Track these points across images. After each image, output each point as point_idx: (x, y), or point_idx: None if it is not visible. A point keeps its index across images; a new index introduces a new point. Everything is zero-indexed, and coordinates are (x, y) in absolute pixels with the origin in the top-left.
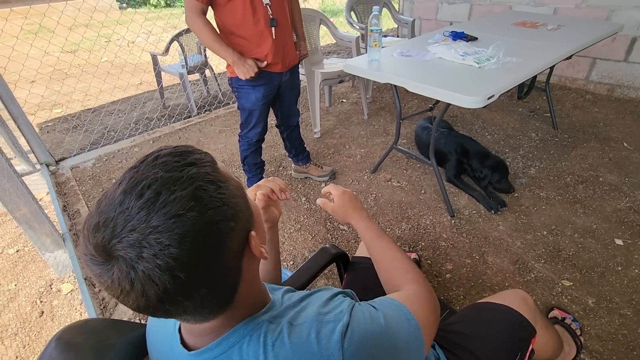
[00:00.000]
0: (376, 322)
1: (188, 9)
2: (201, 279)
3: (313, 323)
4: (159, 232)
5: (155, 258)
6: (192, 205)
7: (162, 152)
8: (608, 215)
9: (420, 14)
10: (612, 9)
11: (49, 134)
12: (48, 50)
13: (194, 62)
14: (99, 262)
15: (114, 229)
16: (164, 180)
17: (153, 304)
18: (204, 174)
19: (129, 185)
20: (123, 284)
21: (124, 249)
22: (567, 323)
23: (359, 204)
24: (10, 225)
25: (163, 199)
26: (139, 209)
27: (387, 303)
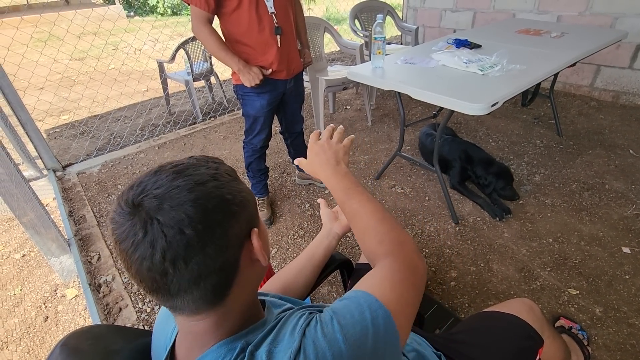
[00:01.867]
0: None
1: (194, 18)
2: (202, 243)
3: (264, 353)
4: (180, 190)
5: (172, 210)
6: (211, 180)
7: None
8: (615, 222)
9: (423, 22)
10: (616, 16)
11: (56, 140)
12: (57, 57)
13: (199, 69)
14: (124, 212)
15: (144, 187)
16: (192, 163)
17: (157, 260)
18: (225, 170)
19: (165, 164)
20: (137, 233)
21: (148, 200)
22: (574, 332)
23: (328, 156)
24: (17, 230)
25: (190, 171)
26: (168, 175)
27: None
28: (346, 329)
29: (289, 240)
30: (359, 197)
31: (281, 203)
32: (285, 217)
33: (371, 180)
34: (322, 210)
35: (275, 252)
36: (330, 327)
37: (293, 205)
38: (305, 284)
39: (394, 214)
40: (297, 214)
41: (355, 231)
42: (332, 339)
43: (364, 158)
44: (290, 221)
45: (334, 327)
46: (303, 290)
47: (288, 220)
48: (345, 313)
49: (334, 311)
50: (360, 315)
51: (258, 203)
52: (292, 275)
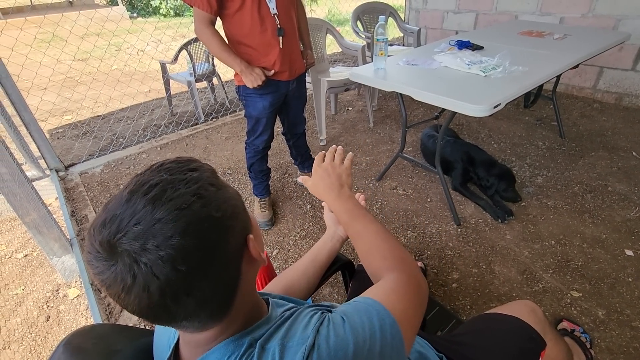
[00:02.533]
0: (341, 339)
1: (197, 20)
2: (202, 272)
3: (277, 347)
4: (163, 223)
5: (158, 249)
6: (195, 200)
7: (166, 161)
8: (617, 225)
9: (426, 24)
10: (619, 18)
11: (59, 140)
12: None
13: (202, 70)
14: (103, 257)
15: (119, 223)
16: (168, 180)
17: (155, 299)
18: (206, 177)
19: (136, 186)
20: (125, 278)
21: (129, 242)
22: (577, 335)
23: (333, 180)
24: (19, 230)
25: (168, 195)
26: (145, 204)
27: (362, 307)
28: (356, 332)
29: (290, 241)
30: (362, 219)
31: (283, 204)
32: (286, 218)
33: (373, 181)
34: (326, 214)
35: (277, 253)
36: (342, 329)
37: (294, 206)
38: (307, 285)
39: (395, 215)
40: (298, 214)
41: (360, 250)
42: (343, 340)
43: (366, 159)
44: (292, 222)
45: (345, 329)
46: (305, 291)
47: (289, 221)
48: (356, 317)
49: (345, 314)
50: (369, 321)
51: (260, 203)
52: (295, 277)
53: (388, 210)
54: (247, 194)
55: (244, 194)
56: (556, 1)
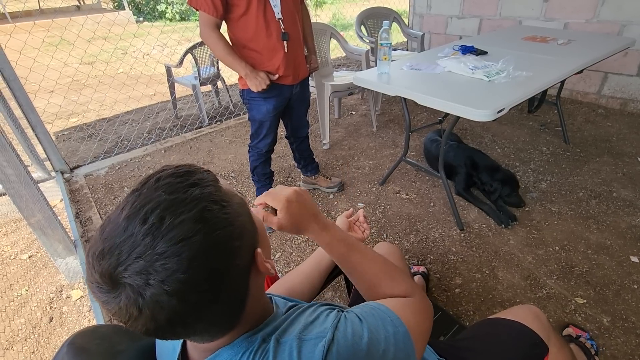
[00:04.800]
0: (359, 339)
1: (202, 24)
2: (210, 300)
3: (294, 341)
4: (166, 258)
5: (163, 284)
6: (199, 228)
7: (164, 174)
8: (622, 231)
9: (429, 28)
10: (623, 24)
11: (65, 142)
12: (67, 61)
13: (206, 73)
14: (105, 289)
15: (119, 256)
16: (167, 203)
17: (162, 326)
18: (208, 194)
19: (132, 210)
20: (131, 310)
21: (131, 277)
22: (582, 341)
23: (311, 209)
24: (24, 231)
25: (168, 223)
26: (144, 235)
27: (377, 312)
28: (373, 333)
29: (293, 245)
30: (358, 248)
31: None
32: None
33: (376, 185)
34: (339, 218)
35: (279, 257)
36: (360, 328)
37: None
38: (310, 289)
39: (398, 219)
40: None
41: (363, 280)
42: (360, 338)
43: (369, 163)
44: None
45: (363, 328)
46: (308, 295)
47: None
48: (372, 320)
49: (362, 315)
50: (384, 326)
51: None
52: (298, 280)
53: (391, 215)
54: (250, 197)
55: (247, 197)
56: (560, 6)
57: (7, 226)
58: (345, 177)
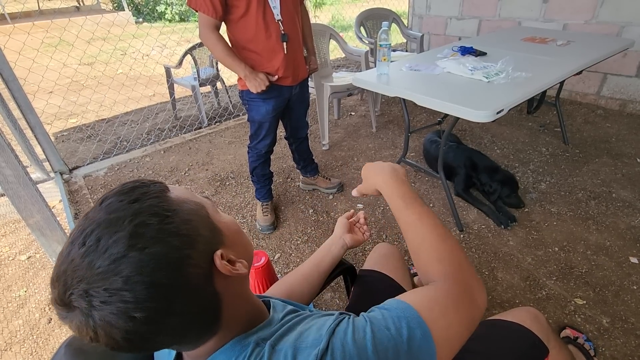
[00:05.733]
0: (360, 346)
1: (202, 25)
2: (163, 313)
3: (289, 349)
4: (104, 279)
5: (105, 305)
6: (132, 243)
7: (109, 194)
8: (622, 232)
9: (429, 29)
10: (622, 25)
11: (64, 143)
12: (66, 62)
13: (206, 74)
14: (63, 315)
15: (65, 281)
16: (105, 223)
17: (123, 344)
18: (147, 207)
19: (75, 235)
20: (87, 332)
21: (77, 300)
22: (580, 343)
23: (381, 170)
24: (23, 232)
25: (103, 243)
26: (82, 258)
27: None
28: (378, 340)
29: (292, 246)
30: (418, 208)
31: (285, 208)
32: (288, 222)
33: None
34: (340, 219)
35: (279, 257)
36: (362, 334)
37: (297, 210)
38: (309, 290)
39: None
40: (300, 219)
41: (411, 244)
42: (361, 347)
43: None
44: (294, 226)
45: (365, 335)
46: (307, 296)
47: (292, 225)
48: (381, 324)
49: (370, 319)
50: (397, 331)
51: (262, 207)
52: (297, 281)
53: (390, 216)
54: (250, 197)
55: (247, 198)
56: (560, 7)
57: (6, 227)
58: (344, 177)
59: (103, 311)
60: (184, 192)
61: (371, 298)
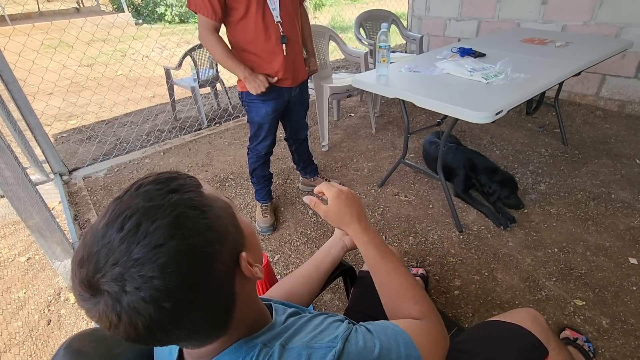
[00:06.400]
0: (370, 353)
1: (202, 27)
2: (189, 306)
3: (304, 348)
4: (141, 265)
5: (139, 291)
6: (173, 233)
7: (145, 181)
8: (621, 233)
9: (428, 31)
10: (621, 26)
11: (64, 144)
12: (66, 64)
13: (205, 76)
14: (86, 297)
15: (97, 263)
16: (144, 210)
17: (142, 334)
18: (187, 199)
19: (111, 218)
20: (110, 317)
21: (108, 283)
22: (580, 344)
23: (358, 208)
24: (22, 233)
25: (143, 229)
26: (120, 242)
27: (389, 331)
28: (384, 350)
29: (292, 247)
30: (390, 257)
31: (284, 209)
32: (288, 224)
33: (375, 187)
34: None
35: (278, 259)
36: (372, 343)
37: (296, 211)
38: (309, 291)
39: (397, 221)
40: (300, 220)
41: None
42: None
43: (368, 165)
44: (294, 227)
45: (375, 344)
46: (307, 297)
47: (291, 227)
48: (384, 337)
49: (375, 331)
50: (397, 346)
51: (262, 209)
52: (297, 283)
53: (390, 217)
54: (249, 199)
55: (246, 199)
56: (558, 9)
57: (5, 229)
58: (344, 179)
59: (134, 296)
60: (213, 190)
61: (371, 299)
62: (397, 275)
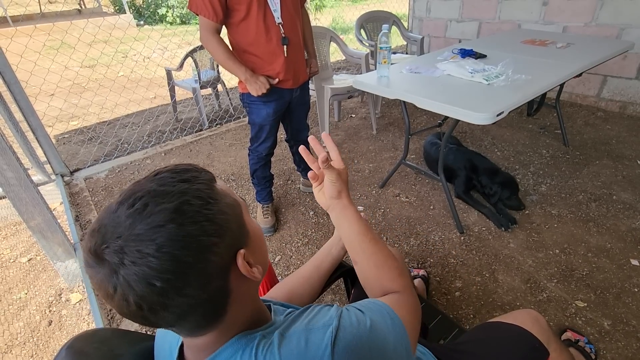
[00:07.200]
0: (363, 325)
1: (203, 28)
2: (177, 289)
3: (302, 332)
4: (140, 241)
5: (134, 265)
6: (173, 217)
7: (164, 169)
8: (623, 234)
9: (429, 32)
10: (622, 27)
11: (65, 145)
12: (68, 65)
13: (206, 77)
14: (91, 264)
15: (104, 234)
16: (155, 193)
17: (133, 309)
18: (195, 190)
19: (125, 197)
20: (107, 287)
21: (109, 254)
22: (581, 345)
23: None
24: (24, 234)
25: (149, 209)
26: (127, 218)
27: (373, 306)
28: (375, 323)
29: (293, 248)
30: (372, 231)
31: (285, 210)
32: (289, 225)
33: (376, 188)
34: None
35: (279, 260)
36: (363, 318)
37: (297, 212)
38: (310, 292)
39: (398, 222)
40: (301, 221)
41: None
42: (364, 325)
43: (369, 166)
44: (295, 228)
45: (365, 318)
46: (308, 298)
47: (292, 228)
48: (371, 312)
49: (363, 307)
50: (383, 319)
51: (263, 210)
52: (298, 283)
53: (391, 218)
54: (250, 200)
55: (247, 200)
56: (559, 10)
57: (7, 229)
58: None
59: (129, 270)
60: (226, 187)
61: None
62: (380, 248)
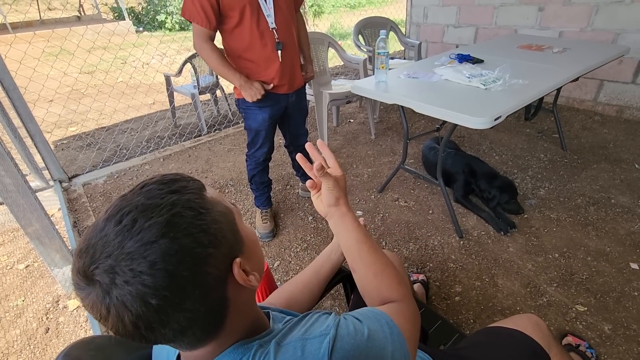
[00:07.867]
0: (361, 335)
1: (196, 35)
2: (175, 306)
3: (299, 341)
4: (132, 259)
5: (127, 285)
6: (166, 231)
7: (150, 181)
8: (622, 238)
9: (426, 37)
10: (618, 32)
11: (64, 151)
12: (67, 71)
13: (205, 82)
14: (81, 286)
15: (93, 254)
16: (143, 207)
17: (129, 329)
18: (185, 200)
19: (112, 213)
20: (100, 308)
21: (100, 275)
22: (582, 350)
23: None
24: (21, 240)
25: (139, 225)
26: (116, 235)
27: (372, 315)
28: (372, 332)
29: (292, 253)
30: (371, 238)
31: (284, 215)
32: (288, 230)
33: (374, 193)
34: None
35: (278, 265)
36: (360, 327)
37: (296, 217)
38: (309, 298)
39: (397, 227)
40: (300, 226)
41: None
42: (361, 335)
43: (367, 171)
44: (293, 233)
45: (363, 327)
46: (307, 304)
47: (291, 233)
48: (370, 321)
49: (361, 316)
50: (381, 328)
51: (261, 215)
52: (297, 289)
53: (390, 222)
54: (249, 205)
55: (246, 205)
56: (555, 16)
57: (4, 236)
58: None
59: (122, 290)
60: (217, 195)
61: None
62: (378, 257)
